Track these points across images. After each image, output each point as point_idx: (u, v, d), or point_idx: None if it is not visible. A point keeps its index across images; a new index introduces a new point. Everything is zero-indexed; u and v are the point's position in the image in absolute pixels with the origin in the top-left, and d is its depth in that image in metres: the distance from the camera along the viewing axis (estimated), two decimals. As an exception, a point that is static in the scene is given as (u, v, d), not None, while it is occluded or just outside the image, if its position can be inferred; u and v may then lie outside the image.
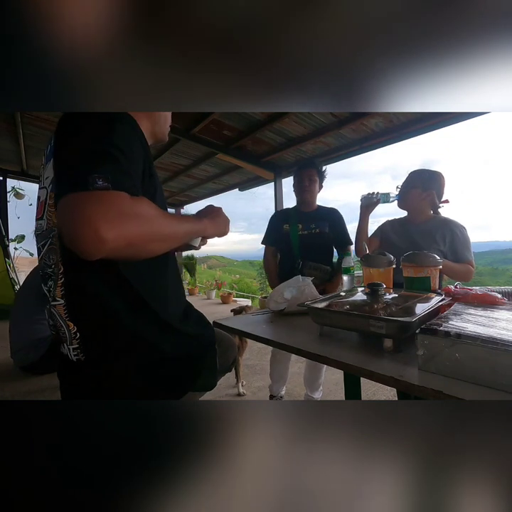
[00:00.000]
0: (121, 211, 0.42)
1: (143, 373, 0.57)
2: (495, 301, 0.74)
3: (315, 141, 3.24)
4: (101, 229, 0.39)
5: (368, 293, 0.84)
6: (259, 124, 2.93)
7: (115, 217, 0.41)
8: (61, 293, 0.55)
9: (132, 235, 0.44)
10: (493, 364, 0.46)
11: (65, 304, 0.55)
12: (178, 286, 0.71)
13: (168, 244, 0.55)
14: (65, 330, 0.56)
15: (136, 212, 0.44)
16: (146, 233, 0.47)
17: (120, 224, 0.41)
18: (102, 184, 0.41)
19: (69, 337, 0.56)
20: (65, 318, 0.56)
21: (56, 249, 0.56)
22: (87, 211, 0.39)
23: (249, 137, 3.18)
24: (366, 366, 0.57)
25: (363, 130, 2.98)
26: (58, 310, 0.56)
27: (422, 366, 0.54)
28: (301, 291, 1.06)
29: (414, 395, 0.49)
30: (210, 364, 0.69)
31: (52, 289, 0.57)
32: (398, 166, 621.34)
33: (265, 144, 3.42)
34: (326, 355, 0.64)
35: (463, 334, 0.51)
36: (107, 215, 0.40)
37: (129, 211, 0.43)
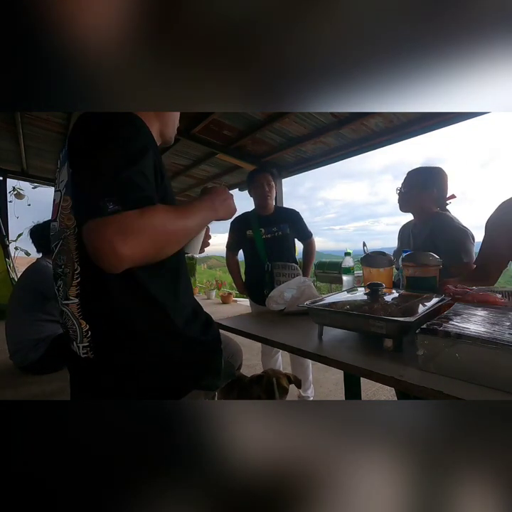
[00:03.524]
0: (133, 228, 0.46)
1: (151, 372, 0.58)
2: (495, 301, 0.74)
3: (315, 141, 3.24)
4: (118, 249, 0.44)
5: (367, 293, 0.84)
6: (259, 124, 2.92)
7: (128, 235, 0.46)
8: (76, 292, 0.57)
9: (147, 247, 0.48)
10: (493, 364, 0.47)
11: (79, 303, 0.57)
12: (188, 285, 0.72)
13: (181, 243, 0.58)
14: (76, 328, 0.57)
15: (148, 225, 0.48)
16: (160, 241, 0.51)
17: (134, 240, 0.46)
18: (113, 208, 0.45)
19: (80, 335, 0.57)
20: (78, 317, 0.57)
21: (67, 250, 0.58)
22: (104, 235, 0.45)
23: (249, 137, 3.18)
24: (366, 366, 0.57)
25: (363, 130, 2.98)
26: (71, 309, 0.57)
27: (422, 366, 0.54)
28: (301, 292, 1.06)
29: (414, 394, 0.49)
30: (216, 364, 0.70)
31: (62, 288, 0.59)
32: (400, 165, 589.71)
33: (265, 144, 3.42)
34: (326, 355, 0.64)
35: (463, 334, 0.51)
36: (121, 235, 0.45)
37: (140, 226, 0.47)
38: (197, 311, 0.72)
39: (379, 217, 38.55)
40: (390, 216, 38.51)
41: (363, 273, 1.15)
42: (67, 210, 0.57)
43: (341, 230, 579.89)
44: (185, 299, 0.66)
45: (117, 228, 0.45)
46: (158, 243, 0.51)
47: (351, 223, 37.28)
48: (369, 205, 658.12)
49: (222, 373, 0.71)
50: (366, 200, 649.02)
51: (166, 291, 0.60)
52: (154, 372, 0.59)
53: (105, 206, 0.45)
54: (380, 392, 1.93)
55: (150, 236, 0.49)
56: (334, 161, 3.72)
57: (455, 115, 2.54)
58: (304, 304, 0.81)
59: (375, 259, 1.08)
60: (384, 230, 48.41)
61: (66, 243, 0.58)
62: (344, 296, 0.87)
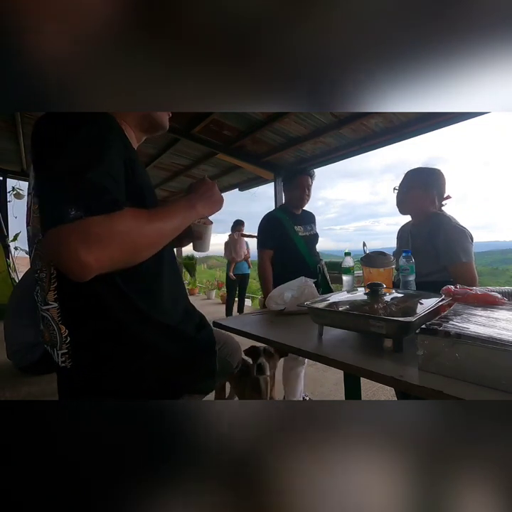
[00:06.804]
0: (97, 234, 0.44)
1: (138, 376, 0.56)
2: (495, 301, 0.74)
3: (315, 141, 3.24)
4: (82, 257, 0.42)
5: (367, 293, 0.84)
6: (259, 124, 2.92)
7: (92, 242, 0.43)
8: (54, 296, 0.55)
9: (114, 253, 0.46)
10: (493, 364, 0.47)
11: (58, 308, 0.55)
12: (177, 286, 0.69)
13: (158, 246, 0.55)
14: (56, 333, 0.55)
15: (113, 231, 0.45)
16: (128, 246, 0.48)
17: (99, 248, 0.44)
18: (75, 214, 0.42)
19: (59, 341, 0.55)
20: (58, 322, 0.55)
21: (41, 255, 0.56)
22: (66, 243, 0.42)
23: (249, 137, 3.18)
24: (366, 366, 0.57)
25: (362, 130, 2.98)
26: (51, 313, 0.55)
27: (422, 366, 0.54)
28: (301, 292, 1.06)
29: (414, 394, 0.49)
30: (209, 367, 0.67)
31: (40, 293, 0.57)
32: (402, 165, 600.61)
33: (265, 144, 3.42)
34: (325, 355, 0.64)
35: (463, 334, 0.51)
36: (84, 243, 0.42)
37: (104, 232, 0.44)
38: (188, 311, 0.69)
39: (379, 217, 38.05)
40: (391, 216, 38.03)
41: (363, 273, 1.15)
42: (37, 214, 0.54)
43: (342, 229, 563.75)
44: (171, 302, 0.63)
45: (80, 236, 0.42)
46: (128, 248, 0.48)
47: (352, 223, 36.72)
48: (370, 205, 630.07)
49: (216, 375, 0.69)
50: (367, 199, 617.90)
51: (145, 294, 0.57)
52: (138, 381, 0.56)
53: (66, 212, 0.42)
54: (380, 392, 1.93)
55: (117, 242, 0.46)
56: (334, 161, 3.72)
57: (455, 115, 2.54)
58: (304, 304, 0.81)
59: (375, 259, 1.08)
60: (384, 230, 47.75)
61: (40, 247, 0.56)
62: (344, 296, 0.87)
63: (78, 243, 0.42)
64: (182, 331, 0.63)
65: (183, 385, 0.63)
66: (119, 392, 0.55)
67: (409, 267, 1.04)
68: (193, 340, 0.64)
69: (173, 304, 0.64)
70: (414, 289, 1.03)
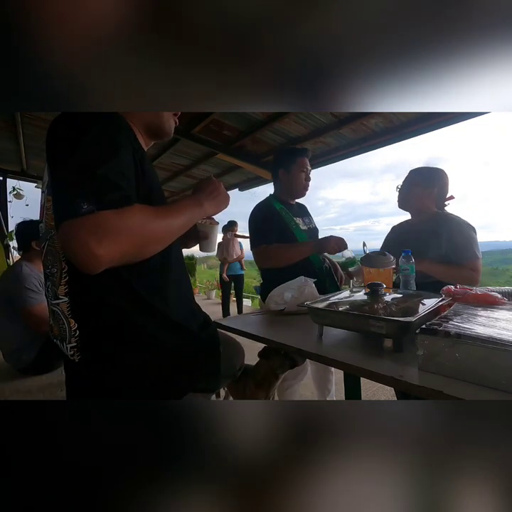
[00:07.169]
0: (108, 228, 0.46)
1: (143, 373, 0.57)
2: (495, 301, 0.74)
3: (315, 141, 3.24)
4: (93, 250, 0.44)
5: (367, 293, 0.84)
6: (259, 124, 2.92)
7: (103, 235, 0.45)
8: (65, 291, 0.57)
9: (124, 246, 0.48)
10: (493, 364, 0.46)
11: (69, 302, 0.57)
12: (185, 285, 0.70)
13: (165, 242, 0.57)
14: (66, 327, 0.57)
15: (123, 225, 0.47)
16: (137, 241, 0.50)
17: (109, 240, 0.45)
18: (87, 208, 0.44)
19: (68, 335, 0.57)
20: (68, 316, 0.57)
21: (53, 250, 0.58)
22: (78, 236, 0.44)
23: (249, 137, 3.18)
24: (366, 366, 0.57)
25: (363, 130, 2.98)
26: (62, 308, 0.57)
27: (422, 366, 0.54)
28: (301, 292, 1.06)
29: (414, 394, 0.49)
30: (213, 366, 0.68)
31: (51, 288, 0.59)
32: (402, 165, 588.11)
33: (265, 144, 3.41)
34: (325, 355, 0.64)
35: (463, 334, 0.51)
36: (95, 236, 0.44)
37: (115, 226, 0.46)
38: (194, 311, 0.71)
39: (380, 217, 37.99)
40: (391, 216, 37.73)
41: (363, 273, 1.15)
42: (50, 211, 0.57)
43: (342, 229, 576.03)
44: (178, 299, 0.65)
45: (91, 229, 0.44)
46: (137, 243, 0.50)
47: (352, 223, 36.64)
48: (370, 205, 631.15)
49: (220, 375, 0.70)
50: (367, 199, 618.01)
51: (153, 290, 0.59)
52: (144, 375, 0.57)
53: (79, 207, 0.44)
54: (380, 392, 1.93)
55: (127, 236, 0.48)
56: (334, 161, 3.72)
57: (455, 115, 2.54)
58: (304, 304, 0.81)
59: (375, 259, 1.08)
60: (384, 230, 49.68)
61: (52, 243, 0.58)
62: (344, 296, 0.87)
63: (90, 236, 0.44)
64: (188, 328, 0.64)
65: (187, 382, 0.63)
66: (125, 385, 0.57)
67: (409, 267, 1.04)
68: (198, 338, 0.66)
69: (180, 301, 0.66)
70: (414, 289, 1.03)
